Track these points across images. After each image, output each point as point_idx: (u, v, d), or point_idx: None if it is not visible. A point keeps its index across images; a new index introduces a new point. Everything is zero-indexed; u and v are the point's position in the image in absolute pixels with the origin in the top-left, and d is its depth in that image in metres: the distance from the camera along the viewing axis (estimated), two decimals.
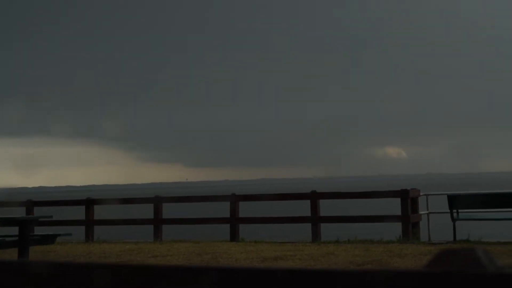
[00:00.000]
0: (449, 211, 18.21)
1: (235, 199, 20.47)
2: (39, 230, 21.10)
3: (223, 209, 20.82)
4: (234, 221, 20.12)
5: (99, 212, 22.77)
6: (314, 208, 19.34)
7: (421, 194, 19.25)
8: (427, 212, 19.35)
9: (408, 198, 18.46)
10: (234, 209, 20.26)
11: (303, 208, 20.16)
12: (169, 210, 22.57)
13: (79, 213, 22.65)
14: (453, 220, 18.09)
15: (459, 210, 18.24)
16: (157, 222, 21.14)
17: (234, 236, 19.75)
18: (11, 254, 14.53)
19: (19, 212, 22.59)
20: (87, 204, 22.30)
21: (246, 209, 20.96)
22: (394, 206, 19.22)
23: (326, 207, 20.44)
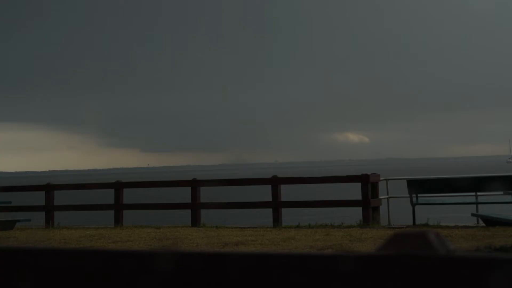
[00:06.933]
0: (408, 195, 18.39)
1: (195, 184, 20.43)
2: None
3: (184, 194, 20.77)
4: (195, 206, 20.09)
5: (59, 197, 22.58)
6: (275, 193, 19.39)
7: (381, 179, 19.40)
8: (387, 196, 19.52)
9: (368, 183, 18.58)
10: (195, 194, 20.23)
11: (264, 193, 20.20)
12: (130, 196, 22.45)
13: (39, 198, 22.44)
14: (413, 204, 18.27)
15: (419, 195, 18.42)
16: (118, 207, 21.04)
17: (195, 221, 19.73)
18: None
19: None
20: (47, 189, 22.10)
21: (206, 194, 20.93)
22: (354, 191, 19.34)
23: (287, 192, 20.50)
